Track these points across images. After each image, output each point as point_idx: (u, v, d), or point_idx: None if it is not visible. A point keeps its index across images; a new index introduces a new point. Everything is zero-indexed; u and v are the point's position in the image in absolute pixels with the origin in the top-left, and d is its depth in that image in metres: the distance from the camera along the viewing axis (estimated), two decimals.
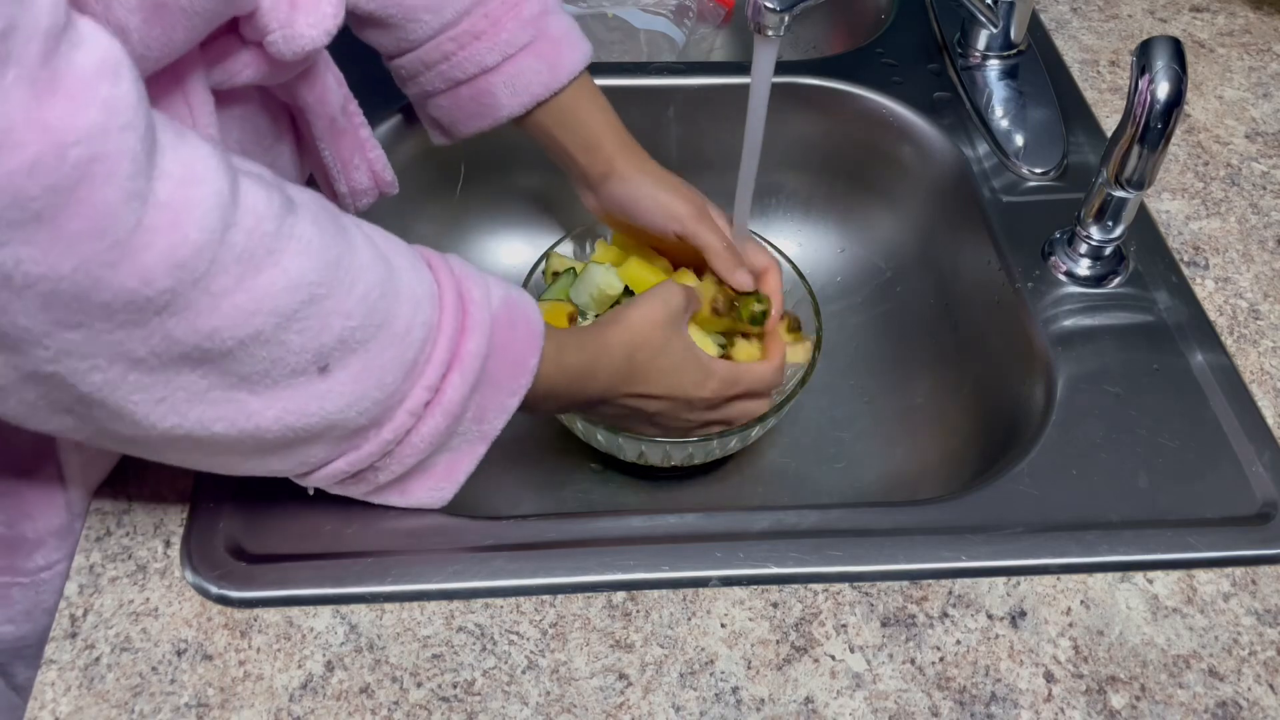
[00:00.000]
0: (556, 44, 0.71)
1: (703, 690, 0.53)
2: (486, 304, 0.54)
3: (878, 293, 0.90)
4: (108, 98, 0.39)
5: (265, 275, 0.44)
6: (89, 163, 0.38)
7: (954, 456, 0.76)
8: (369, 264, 0.48)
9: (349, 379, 0.48)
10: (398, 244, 0.52)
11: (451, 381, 0.52)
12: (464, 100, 0.72)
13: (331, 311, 0.47)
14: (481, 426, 0.56)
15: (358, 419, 0.50)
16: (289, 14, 0.51)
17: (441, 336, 0.51)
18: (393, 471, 0.55)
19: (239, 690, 0.52)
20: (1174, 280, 0.74)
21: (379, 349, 0.49)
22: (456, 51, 0.70)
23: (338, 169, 0.64)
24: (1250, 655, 0.56)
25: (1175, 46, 0.62)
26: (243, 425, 0.47)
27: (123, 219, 0.40)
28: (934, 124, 0.85)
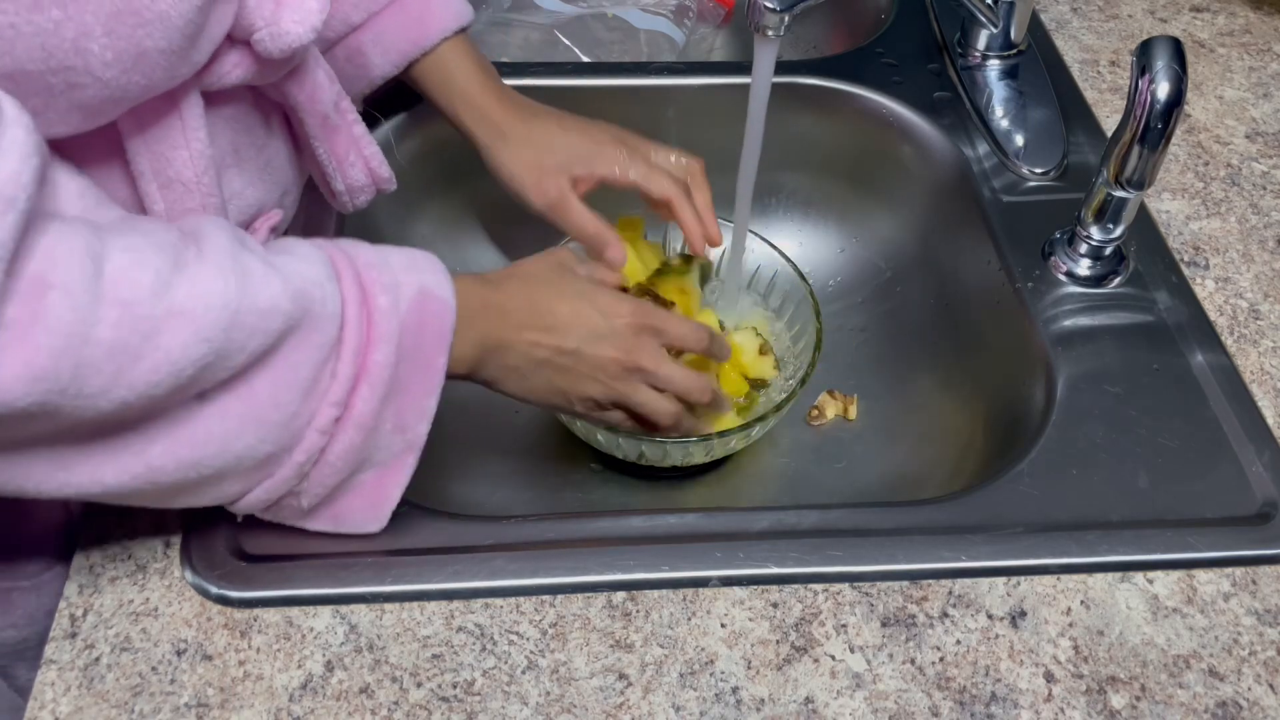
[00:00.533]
0: (425, 1, 0.71)
1: (703, 690, 0.53)
2: (395, 311, 0.51)
3: (878, 293, 0.90)
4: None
5: (146, 362, 0.42)
6: None
7: (954, 456, 0.76)
8: (269, 307, 0.46)
9: (233, 402, 0.47)
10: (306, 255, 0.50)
11: (360, 395, 0.50)
12: (339, 62, 0.72)
13: (221, 368, 0.45)
14: (406, 435, 0.54)
15: (261, 446, 0.48)
16: (274, 11, 0.51)
17: (345, 350, 0.50)
18: (315, 495, 0.53)
19: (239, 690, 0.52)
20: (1174, 280, 0.74)
21: (265, 371, 0.47)
22: None
23: (333, 166, 0.64)
24: (1250, 655, 0.56)
25: (1175, 46, 0.62)
26: (133, 470, 0.45)
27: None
28: (934, 124, 0.85)
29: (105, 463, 0.45)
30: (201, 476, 0.48)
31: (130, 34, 0.43)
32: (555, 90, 0.86)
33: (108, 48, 0.43)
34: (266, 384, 0.47)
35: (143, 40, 0.44)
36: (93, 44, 0.42)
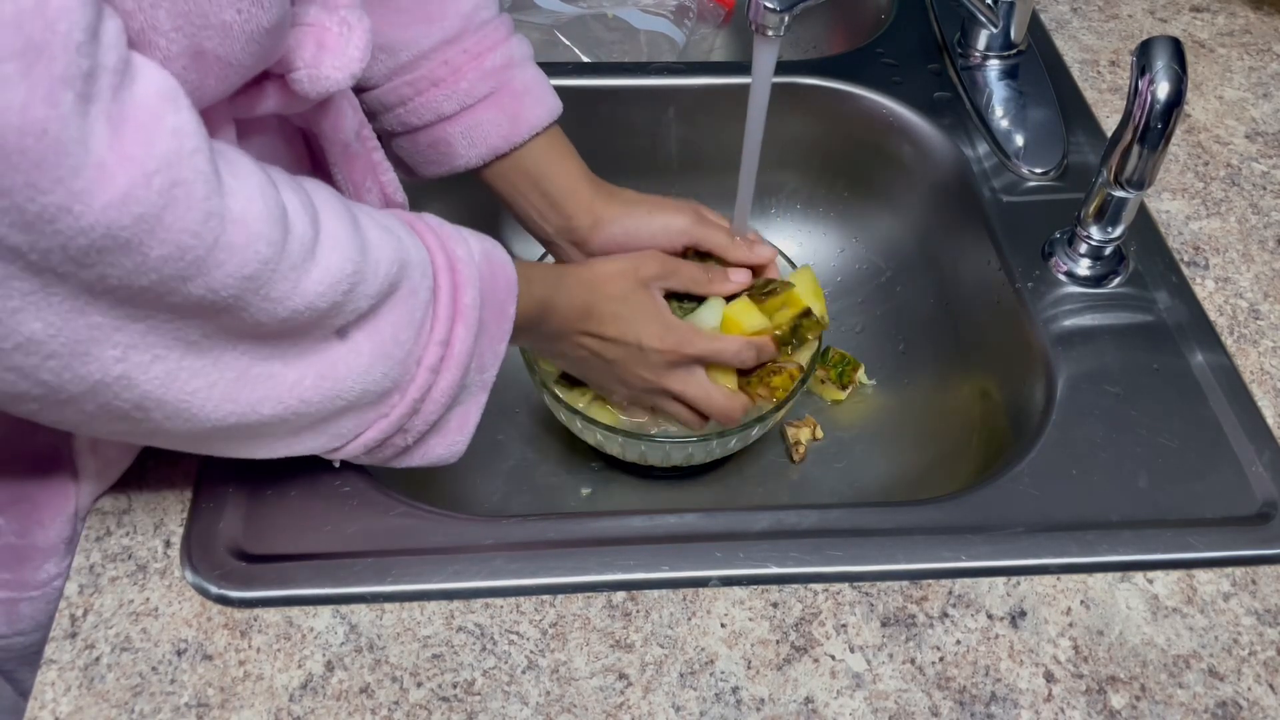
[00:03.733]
0: (519, 97, 0.71)
1: (703, 690, 0.53)
2: (471, 259, 0.56)
3: (878, 293, 0.90)
4: (175, 125, 0.40)
5: (312, 276, 0.46)
6: (171, 188, 0.40)
7: (954, 456, 0.76)
8: (382, 241, 0.51)
9: (365, 339, 0.51)
10: (388, 215, 0.54)
11: (458, 334, 0.54)
12: (422, 146, 0.72)
13: (363, 294, 0.49)
14: (483, 375, 0.58)
15: (382, 380, 0.52)
16: (315, 54, 0.52)
17: (441, 294, 0.54)
18: (418, 432, 0.56)
19: (239, 690, 0.52)
20: (1174, 280, 0.74)
21: (388, 310, 0.51)
22: (413, 97, 0.69)
23: (350, 191, 0.64)
24: (1250, 655, 0.56)
25: (1175, 46, 0.62)
26: (286, 401, 0.49)
27: (202, 239, 0.41)
28: (934, 124, 0.85)
29: (265, 395, 0.49)
30: (336, 409, 0.51)
31: (195, 34, 0.44)
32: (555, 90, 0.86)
33: (173, 43, 0.44)
34: (388, 323, 0.51)
35: (204, 41, 0.45)
36: (159, 38, 0.43)
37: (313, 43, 0.52)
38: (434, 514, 0.60)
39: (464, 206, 0.90)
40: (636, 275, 0.69)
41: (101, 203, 0.38)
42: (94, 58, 0.37)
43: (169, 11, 0.43)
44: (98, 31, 0.37)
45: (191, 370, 0.46)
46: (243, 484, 0.59)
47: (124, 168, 0.38)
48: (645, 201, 0.75)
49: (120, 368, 0.43)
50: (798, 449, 0.82)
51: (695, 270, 0.73)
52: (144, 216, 0.39)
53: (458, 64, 0.68)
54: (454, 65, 0.68)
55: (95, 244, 0.38)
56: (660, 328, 0.68)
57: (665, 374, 0.70)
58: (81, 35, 0.36)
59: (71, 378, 0.42)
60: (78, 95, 0.37)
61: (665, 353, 0.68)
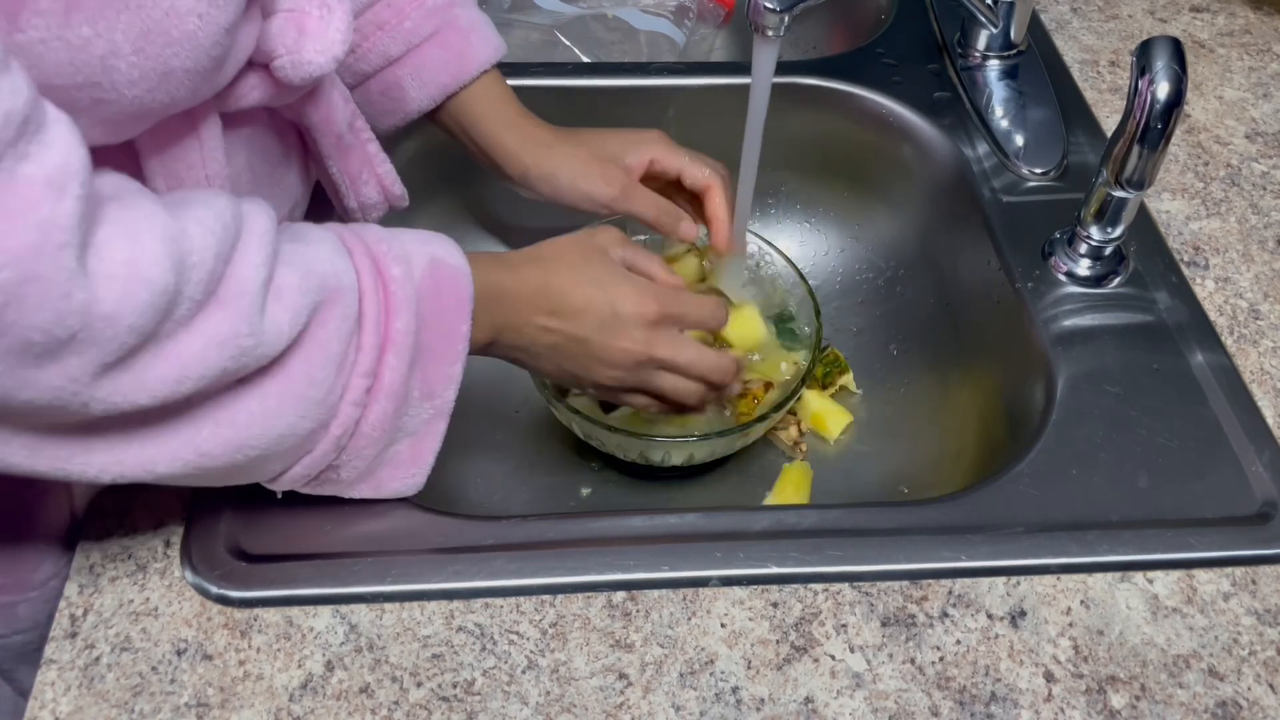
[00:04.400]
0: (464, 34, 0.71)
1: (703, 690, 0.53)
2: (409, 280, 0.53)
3: (878, 293, 0.90)
4: (45, 218, 0.38)
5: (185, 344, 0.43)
6: (19, 285, 0.37)
7: (954, 456, 0.76)
8: (297, 287, 0.47)
9: (271, 383, 0.48)
10: (316, 238, 0.51)
11: (388, 363, 0.51)
12: (374, 95, 0.72)
13: (262, 356, 0.46)
14: (434, 402, 0.55)
15: (301, 423, 0.49)
16: (296, 39, 0.51)
17: (366, 322, 0.51)
18: (355, 468, 0.54)
19: (239, 690, 0.52)
20: (1174, 280, 0.74)
21: (298, 355, 0.48)
22: (360, 43, 0.69)
23: (346, 185, 0.64)
24: (1250, 655, 0.56)
25: (1175, 46, 0.62)
26: (184, 457, 0.47)
27: (53, 335, 0.39)
28: (934, 124, 0.85)
29: (158, 451, 0.46)
30: (247, 459, 0.49)
31: (158, 53, 0.43)
32: (555, 90, 0.86)
33: (135, 66, 0.43)
34: (300, 363, 0.48)
35: (170, 60, 0.44)
36: (120, 62, 0.42)
37: (293, 28, 0.51)
38: (434, 514, 0.60)
39: (464, 208, 0.90)
40: (592, 242, 0.64)
41: None
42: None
43: (126, 33, 0.42)
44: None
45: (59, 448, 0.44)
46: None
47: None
48: (573, 161, 0.73)
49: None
50: (799, 448, 0.82)
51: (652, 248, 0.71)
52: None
53: (400, 5, 0.68)
54: (396, 6, 0.68)
55: None
56: (631, 287, 0.63)
57: (650, 340, 0.63)
58: None
59: None
60: None
61: (643, 315, 0.62)
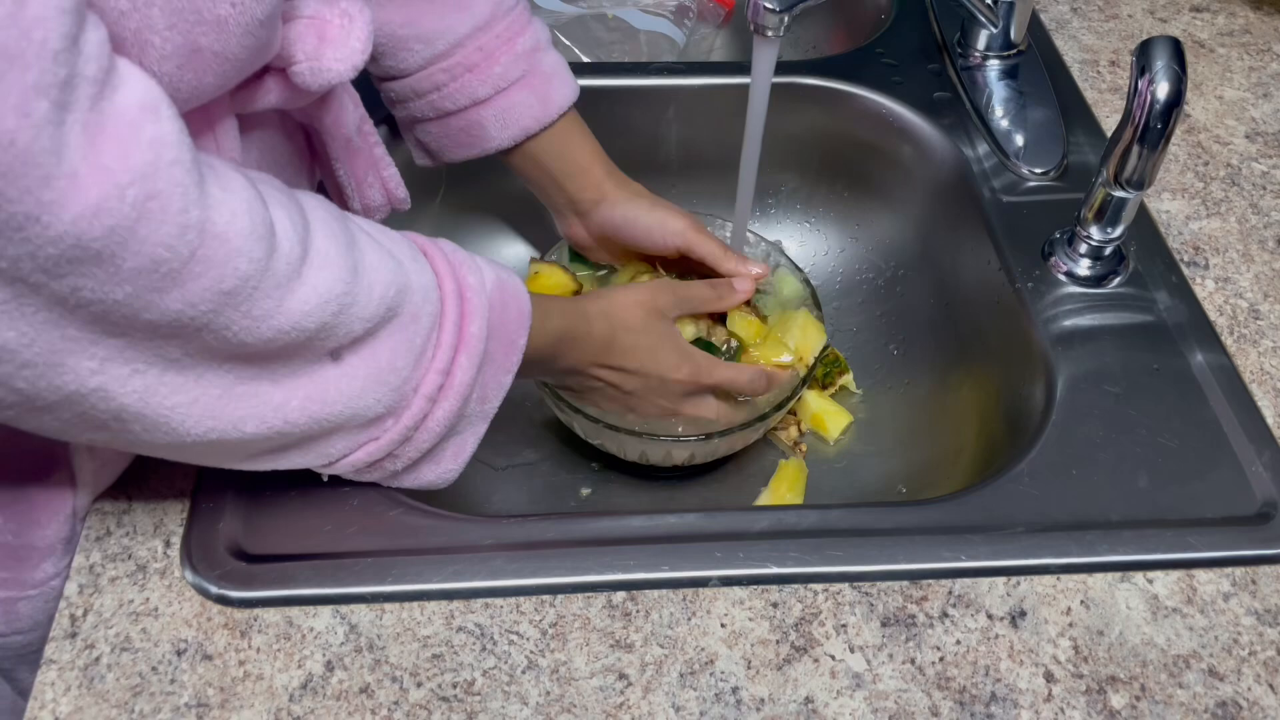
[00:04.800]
0: (548, 79, 0.72)
1: (703, 690, 0.53)
2: (482, 288, 0.55)
3: (878, 293, 0.90)
4: (153, 136, 0.40)
5: (298, 295, 0.46)
6: (145, 200, 0.39)
7: (953, 457, 0.76)
8: (379, 264, 0.50)
9: (360, 364, 0.50)
10: (395, 237, 0.53)
11: (460, 364, 0.54)
12: (453, 130, 0.73)
13: (356, 316, 0.48)
14: (484, 406, 0.57)
15: (375, 406, 0.51)
16: (316, 47, 0.51)
17: (446, 321, 0.53)
18: (409, 459, 0.56)
19: (239, 690, 0.52)
20: (1174, 280, 0.74)
21: (386, 335, 0.50)
22: (448, 83, 0.70)
23: (352, 186, 0.64)
24: (1250, 655, 0.56)
25: (1175, 46, 0.62)
26: (271, 420, 0.49)
27: (177, 251, 0.41)
28: (934, 124, 0.85)
29: (249, 413, 0.48)
30: (322, 430, 0.51)
31: (189, 30, 0.44)
32: None
33: (168, 41, 0.44)
34: (386, 349, 0.50)
35: (199, 38, 0.45)
36: (154, 36, 0.43)
37: (314, 35, 0.51)
38: (434, 514, 0.60)
39: (464, 208, 0.90)
40: (654, 304, 0.69)
41: (72, 214, 0.37)
42: (72, 66, 0.37)
43: (163, 9, 0.43)
44: (78, 40, 0.37)
45: (172, 386, 0.45)
46: (243, 484, 0.59)
47: (96, 179, 0.38)
48: (649, 197, 0.76)
49: (97, 380, 0.43)
50: (798, 447, 0.82)
51: (704, 290, 0.74)
52: (116, 229, 0.38)
53: (491, 49, 0.70)
54: (487, 50, 0.70)
55: (65, 254, 0.38)
56: (679, 358, 0.69)
57: (681, 402, 0.70)
58: (59, 44, 0.36)
59: (47, 387, 0.42)
60: (52, 104, 0.36)
61: (685, 383, 0.69)
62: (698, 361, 0.70)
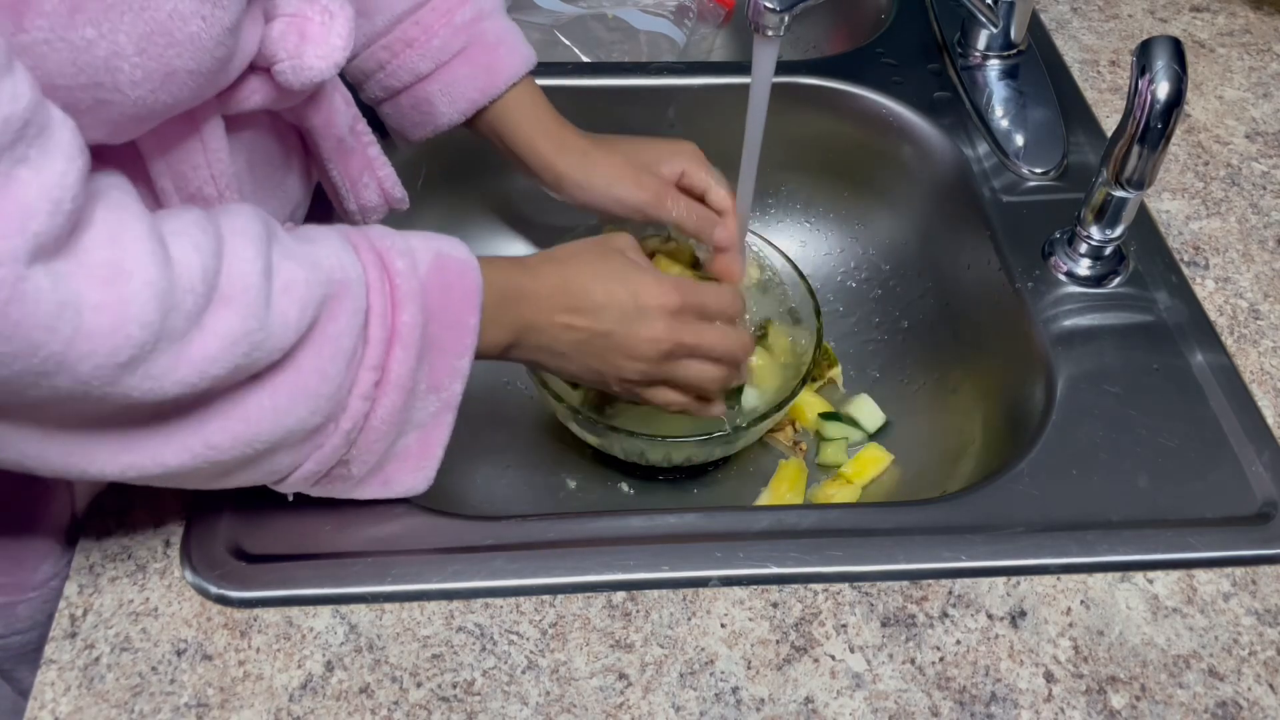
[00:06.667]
0: (492, 49, 0.71)
1: (703, 690, 0.53)
2: (413, 272, 0.53)
3: (877, 292, 0.90)
4: (38, 230, 0.38)
5: (197, 345, 0.44)
6: (16, 283, 0.37)
7: (954, 456, 0.76)
8: (294, 284, 0.48)
9: (283, 380, 0.48)
10: (321, 235, 0.52)
11: (395, 356, 0.52)
12: (405, 109, 0.72)
13: (274, 348, 0.47)
14: (440, 395, 0.55)
15: (311, 418, 0.50)
16: (298, 45, 0.51)
17: (373, 316, 0.51)
18: (365, 463, 0.54)
19: (239, 690, 0.52)
20: (1174, 280, 0.74)
21: (310, 347, 0.49)
22: (390, 60, 0.69)
23: (346, 187, 0.64)
24: (1250, 655, 0.56)
25: (1175, 46, 0.62)
26: (194, 448, 0.47)
27: (57, 333, 0.39)
28: (934, 124, 0.85)
29: (166, 444, 0.46)
30: (256, 452, 0.49)
31: (161, 54, 0.43)
32: (555, 90, 0.86)
33: (138, 67, 0.43)
34: (310, 358, 0.49)
35: (172, 60, 0.44)
36: (124, 63, 0.43)
37: (295, 34, 0.51)
38: (434, 514, 0.60)
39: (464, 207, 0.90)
40: (608, 243, 0.65)
41: None
42: None
43: (130, 35, 0.42)
44: None
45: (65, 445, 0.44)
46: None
47: None
48: (607, 169, 0.73)
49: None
50: (799, 447, 0.82)
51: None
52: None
53: (428, 22, 0.69)
54: (425, 24, 0.68)
55: None
56: (652, 278, 0.64)
57: (674, 327, 0.64)
58: None
59: None
60: None
61: (666, 304, 0.63)
62: (669, 279, 0.65)
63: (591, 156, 0.73)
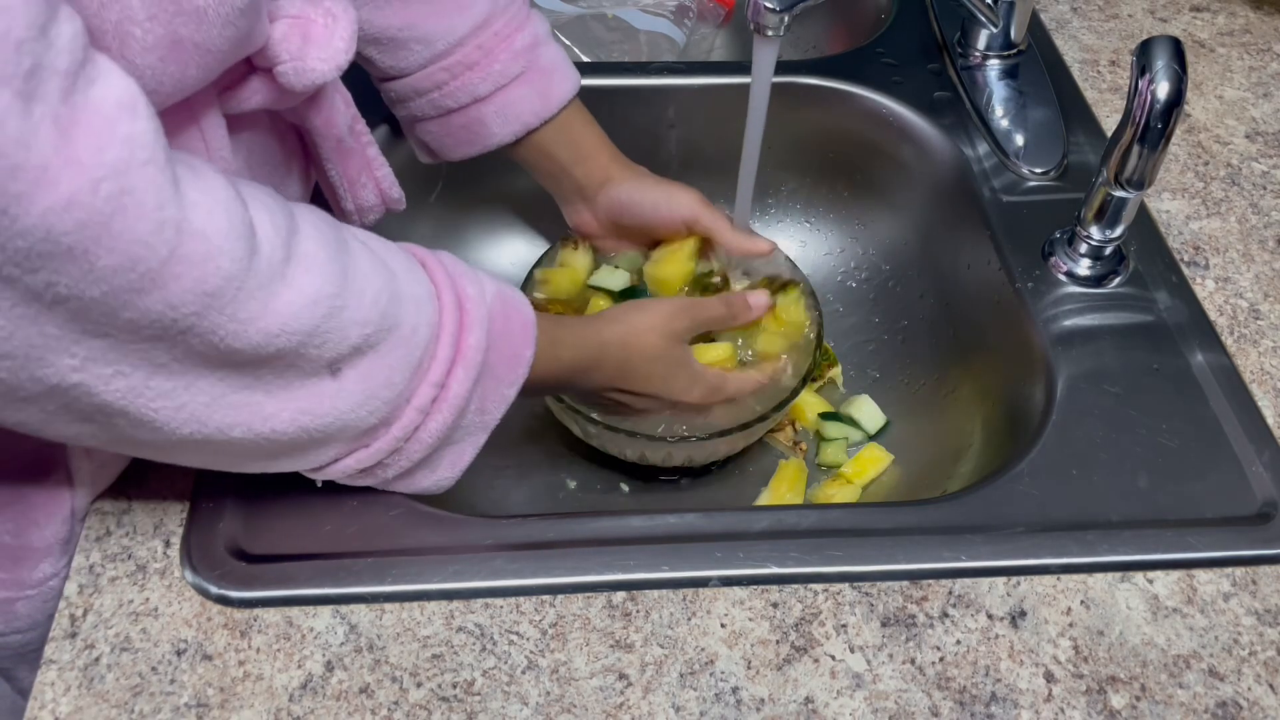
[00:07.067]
0: (548, 74, 0.73)
1: (703, 690, 0.53)
2: (482, 300, 0.55)
3: (877, 292, 0.90)
4: (128, 134, 0.39)
5: (283, 297, 0.45)
6: (119, 195, 0.39)
7: (954, 456, 0.76)
8: (371, 271, 0.50)
9: (358, 379, 0.50)
10: (391, 247, 0.53)
11: (456, 376, 0.53)
12: (455, 128, 0.73)
13: (350, 321, 0.48)
14: (484, 418, 0.57)
15: (368, 418, 0.51)
16: (300, 46, 0.51)
17: (444, 334, 0.53)
18: (400, 467, 0.55)
19: (239, 690, 0.52)
20: (1174, 280, 0.74)
21: (387, 350, 0.50)
22: (449, 81, 0.71)
23: (344, 187, 0.64)
24: (1250, 655, 0.56)
25: (1175, 46, 0.62)
26: (259, 429, 0.48)
27: (154, 249, 0.40)
28: (934, 124, 0.85)
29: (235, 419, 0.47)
30: (311, 439, 0.50)
31: (169, 21, 0.44)
32: None
33: (149, 32, 0.44)
34: (384, 364, 0.50)
35: (179, 29, 0.44)
36: (135, 28, 0.43)
37: (298, 35, 0.51)
38: (434, 514, 0.60)
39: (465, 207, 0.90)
40: (670, 330, 0.69)
41: (41, 207, 0.37)
42: (38, 57, 0.36)
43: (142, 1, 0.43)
44: (47, 31, 0.37)
45: (158, 390, 0.44)
46: (242, 484, 0.59)
47: (68, 173, 0.37)
48: (654, 176, 0.78)
49: (77, 377, 0.42)
50: (799, 447, 0.82)
51: (719, 309, 0.73)
52: (88, 223, 0.38)
53: (490, 47, 0.70)
54: (486, 48, 0.70)
55: (35, 248, 0.37)
56: (688, 380, 0.70)
57: (694, 413, 0.72)
58: (23, 33, 0.35)
59: (28, 378, 0.41)
60: (15, 94, 0.36)
61: (696, 404, 0.70)
62: (707, 382, 0.71)
63: (638, 171, 0.78)
